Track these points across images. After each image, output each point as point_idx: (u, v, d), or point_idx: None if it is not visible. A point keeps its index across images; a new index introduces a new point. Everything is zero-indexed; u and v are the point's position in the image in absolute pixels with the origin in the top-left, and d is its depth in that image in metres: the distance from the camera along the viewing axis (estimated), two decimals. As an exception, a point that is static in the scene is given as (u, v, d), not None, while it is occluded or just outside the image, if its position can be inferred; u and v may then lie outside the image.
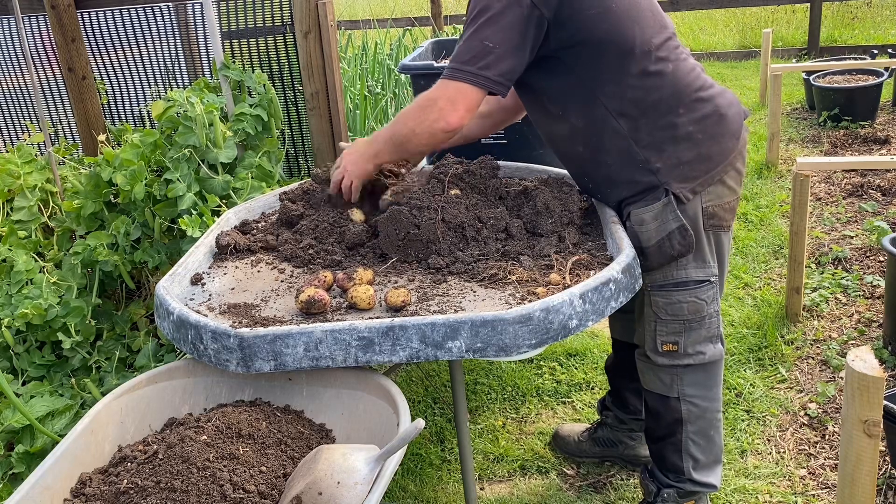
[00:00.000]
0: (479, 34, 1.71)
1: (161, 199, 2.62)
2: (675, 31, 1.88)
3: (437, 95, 1.76)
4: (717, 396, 2.01)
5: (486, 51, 1.70)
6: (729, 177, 1.87)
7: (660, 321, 1.91)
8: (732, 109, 1.90)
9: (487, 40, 1.70)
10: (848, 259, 3.59)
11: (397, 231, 1.85)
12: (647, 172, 1.82)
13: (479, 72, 1.72)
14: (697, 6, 8.12)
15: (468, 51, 1.73)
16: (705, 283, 1.88)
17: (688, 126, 1.81)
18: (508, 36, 1.70)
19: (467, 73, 1.72)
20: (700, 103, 1.83)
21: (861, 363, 1.44)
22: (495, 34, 1.70)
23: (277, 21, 2.97)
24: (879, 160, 3.52)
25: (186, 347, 1.66)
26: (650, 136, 1.81)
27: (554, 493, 2.37)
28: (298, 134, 3.16)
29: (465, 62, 1.73)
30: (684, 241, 1.81)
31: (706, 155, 1.83)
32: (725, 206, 1.88)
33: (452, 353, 1.52)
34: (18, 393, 2.39)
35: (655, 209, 1.81)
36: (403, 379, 3.00)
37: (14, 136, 3.73)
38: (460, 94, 1.74)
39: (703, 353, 1.93)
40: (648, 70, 1.78)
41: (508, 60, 1.72)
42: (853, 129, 5.34)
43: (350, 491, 1.36)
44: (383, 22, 8.13)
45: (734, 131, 1.88)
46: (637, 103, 1.79)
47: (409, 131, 1.83)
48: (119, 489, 1.45)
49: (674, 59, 1.81)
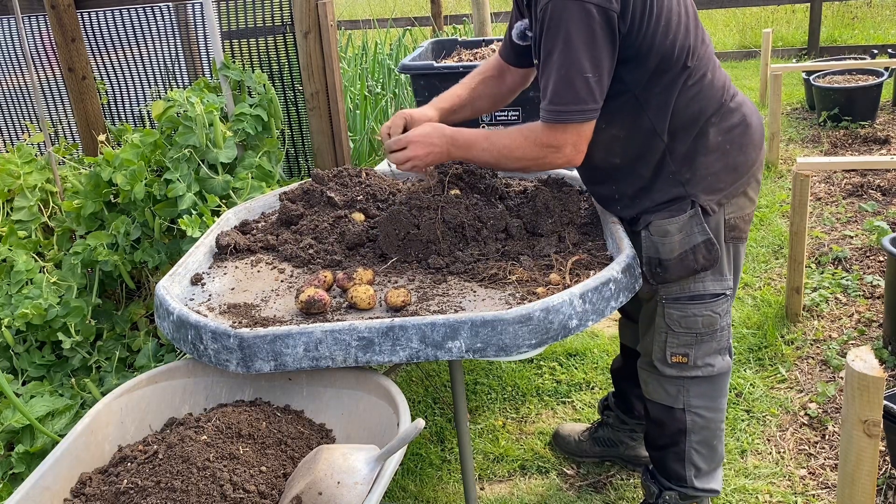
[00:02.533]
0: (575, 66, 1.64)
1: (161, 199, 2.62)
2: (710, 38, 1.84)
3: (562, 142, 1.71)
4: (722, 407, 1.98)
5: (588, 83, 1.65)
6: (751, 188, 1.84)
7: (671, 333, 1.87)
8: (755, 118, 1.87)
9: (585, 71, 1.64)
10: (848, 259, 3.59)
11: (397, 231, 1.85)
12: (676, 184, 1.78)
13: (588, 107, 1.67)
14: (697, 6, 8.06)
15: (570, 87, 1.65)
16: (721, 296, 1.85)
17: (717, 136, 1.78)
18: (601, 57, 1.64)
19: (582, 112, 1.67)
20: (730, 113, 1.80)
21: (861, 363, 1.44)
22: (591, 61, 1.63)
23: (277, 21, 2.97)
24: (879, 160, 3.52)
25: (186, 347, 1.66)
26: (684, 148, 1.77)
27: (554, 493, 2.37)
28: (298, 134, 3.15)
29: (575, 100, 1.66)
30: (709, 256, 1.77)
31: (733, 166, 1.80)
32: (745, 218, 1.85)
33: (452, 353, 1.52)
34: (18, 393, 2.40)
35: (681, 221, 1.77)
36: (403, 379, 3.00)
37: (14, 136, 3.73)
38: (582, 137, 1.71)
39: (713, 365, 1.91)
40: (692, 82, 1.74)
41: (605, 79, 1.68)
42: (853, 129, 5.34)
43: (350, 491, 1.36)
44: (383, 22, 8.13)
45: (758, 141, 1.85)
46: (679, 115, 1.75)
47: (522, 167, 1.82)
48: (119, 489, 1.45)
49: (711, 69, 1.78)
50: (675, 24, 1.70)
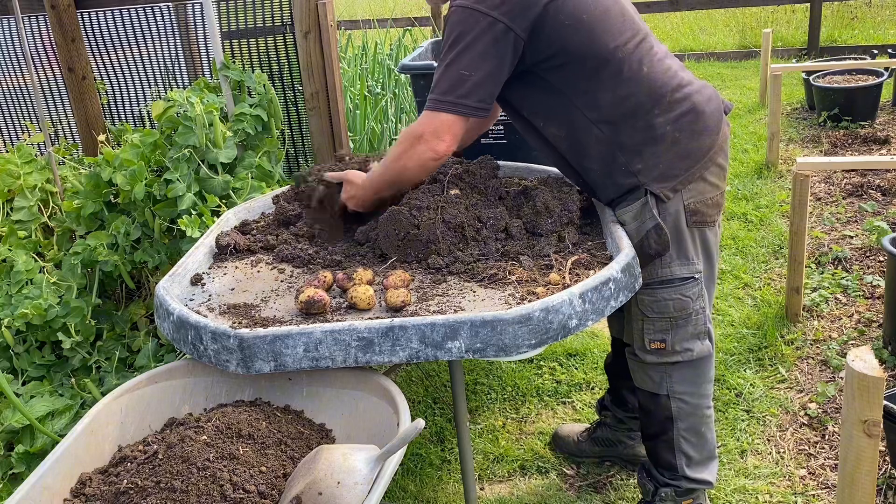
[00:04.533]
0: (456, 64, 1.75)
1: (161, 199, 2.62)
2: (648, 32, 1.89)
3: (421, 130, 1.81)
4: (707, 393, 2.02)
5: (463, 79, 1.75)
6: (710, 173, 1.88)
7: (647, 319, 1.92)
8: (711, 105, 1.90)
9: (464, 69, 1.75)
10: (848, 259, 3.59)
11: (397, 231, 1.85)
12: (628, 175, 1.84)
13: (458, 101, 1.76)
14: (697, 6, 8.12)
15: (446, 80, 1.77)
16: (689, 279, 1.89)
17: (665, 126, 1.82)
18: (484, 62, 1.75)
19: (447, 104, 1.77)
20: (676, 103, 1.84)
21: (861, 363, 1.44)
22: (472, 62, 1.74)
23: (277, 21, 2.97)
24: (879, 160, 3.52)
25: (186, 348, 1.66)
26: (631, 140, 1.82)
27: (554, 493, 2.37)
28: (298, 134, 3.16)
29: (445, 92, 1.77)
30: (660, 240, 1.82)
31: (685, 153, 1.84)
32: (708, 202, 1.89)
33: (452, 353, 1.52)
34: (18, 393, 2.40)
35: (634, 209, 1.83)
36: (403, 379, 3.00)
37: (14, 136, 3.73)
38: (444, 126, 1.79)
39: (691, 349, 1.94)
40: (623, 76, 1.79)
41: (487, 86, 1.77)
42: (853, 129, 5.34)
43: (350, 491, 1.36)
44: (383, 22, 8.12)
45: (713, 127, 1.88)
46: (614, 109, 1.81)
47: (402, 167, 1.89)
48: (119, 489, 1.45)
49: (647, 62, 1.82)
50: (590, 22, 1.77)
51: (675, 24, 9.77)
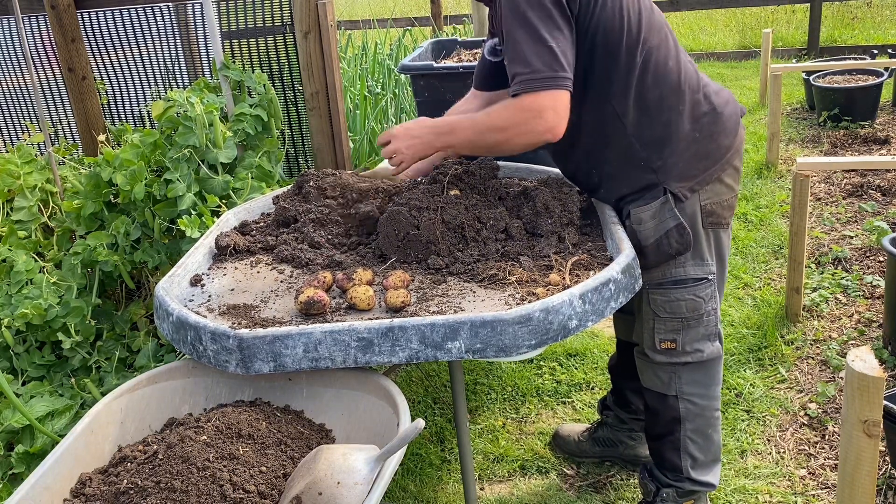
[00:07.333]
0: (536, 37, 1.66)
1: (161, 199, 2.61)
2: (672, 31, 1.90)
3: (542, 105, 1.67)
4: (716, 395, 2.02)
5: (551, 50, 1.65)
6: (727, 175, 1.88)
7: (658, 319, 1.92)
8: (729, 107, 1.91)
9: (547, 41, 1.65)
10: (848, 259, 3.59)
11: (397, 231, 1.85)
12: (647, 171, 1.84)
13: (558, 74, 1.67)
14: (697, 6, 8.12)
15: (536, 56, 1.66)
16: (703, 280, 1.89)
17: (686, 125, 1.83)
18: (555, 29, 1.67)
19: (554, 79, 1.66)
20: (697, 103, 1.85)
21: (861, 363, 1.44)
22: (547, 32, 1.65)
23: (277, 21, 2.97)
24: (879, 160, 3.52)
25: (186, 348, 1.66)
26: (651, 134, 1.82)
27: (554, 493, 2.37)
28: (298, 134, 3.15)
29: (545, 67, 1.66)
30: (682, 240, 1.82)
31: (704, 153, 1.84)
32: (724, 204, 1.89)
33: (452, 353, 1.52)
34: (18, 393, 2.39)
35: (653, 208, 1.83)
36: (403, 379, 3.00)
37: (14, 136, 3.73)
38: (560, 103, 1.68)
39: (702, 350, 1.94)
40: (651, 71, 1.79)
41: (569, 53, 1.69)
42: (853, 129, 5.34)
43: (350, 491, 1.36)
44: (383, 22, 8.12)
45: (731, 129, 1.89)
46: (640, 101, 1.81)
47: (506, 138, 1.75)
48: (119, 489, 1.45)
49: (673, 60, 1.83)
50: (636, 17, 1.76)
51: (675, 24, 9.76)
